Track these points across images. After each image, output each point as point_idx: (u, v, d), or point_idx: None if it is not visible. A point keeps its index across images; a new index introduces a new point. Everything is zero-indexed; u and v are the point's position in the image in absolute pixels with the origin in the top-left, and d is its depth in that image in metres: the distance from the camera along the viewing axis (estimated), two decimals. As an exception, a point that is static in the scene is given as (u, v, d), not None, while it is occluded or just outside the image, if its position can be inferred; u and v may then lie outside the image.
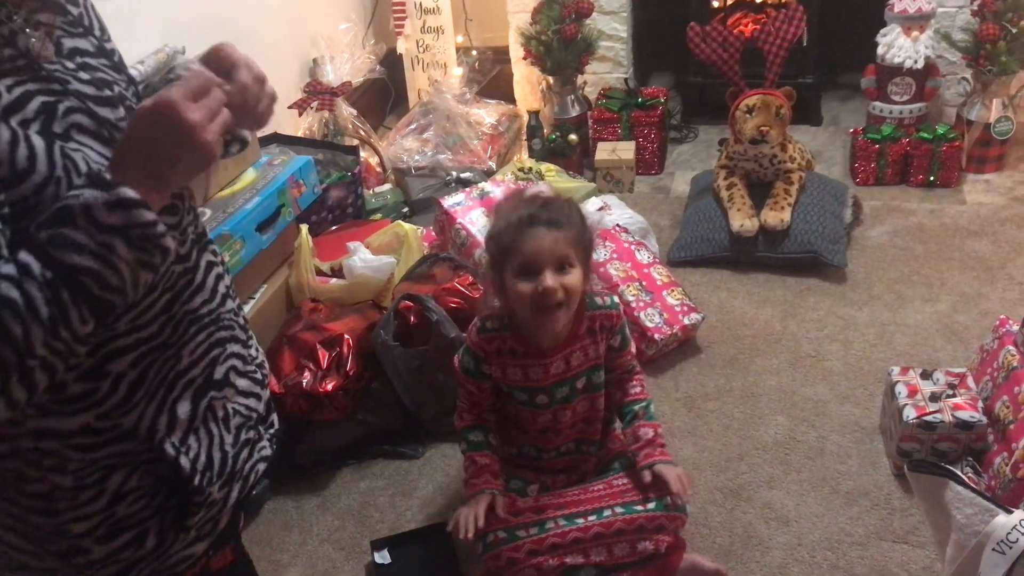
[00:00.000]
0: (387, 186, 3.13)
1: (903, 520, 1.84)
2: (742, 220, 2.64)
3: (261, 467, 1.13)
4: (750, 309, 2.53)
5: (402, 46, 3.56)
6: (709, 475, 2.00)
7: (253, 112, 0.95)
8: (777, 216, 2.62)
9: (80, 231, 0.79)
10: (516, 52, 3.46)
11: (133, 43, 2.09)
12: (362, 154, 3.02)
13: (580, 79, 3.38)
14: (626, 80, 3.50)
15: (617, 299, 1.70)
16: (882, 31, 3.09)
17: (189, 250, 1.01)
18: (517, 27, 3.36)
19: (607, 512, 1.63)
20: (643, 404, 1.72)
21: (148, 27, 2.29)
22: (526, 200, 1.56)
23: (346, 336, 2.06)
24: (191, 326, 1.00)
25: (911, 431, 1.85)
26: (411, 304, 2.12)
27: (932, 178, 3.01)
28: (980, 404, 1.86)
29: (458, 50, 3.61)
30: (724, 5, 3.39)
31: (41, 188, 0.83)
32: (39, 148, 0.83)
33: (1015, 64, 2.89)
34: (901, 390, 1.92)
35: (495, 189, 2.71)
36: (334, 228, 2.69)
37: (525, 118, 3.43)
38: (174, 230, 0.96)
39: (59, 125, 0.87)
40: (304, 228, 2.33)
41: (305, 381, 1.98)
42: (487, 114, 3.38)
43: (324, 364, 2.01)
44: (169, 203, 0.93)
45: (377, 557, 1.85)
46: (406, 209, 3.09)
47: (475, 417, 1.71)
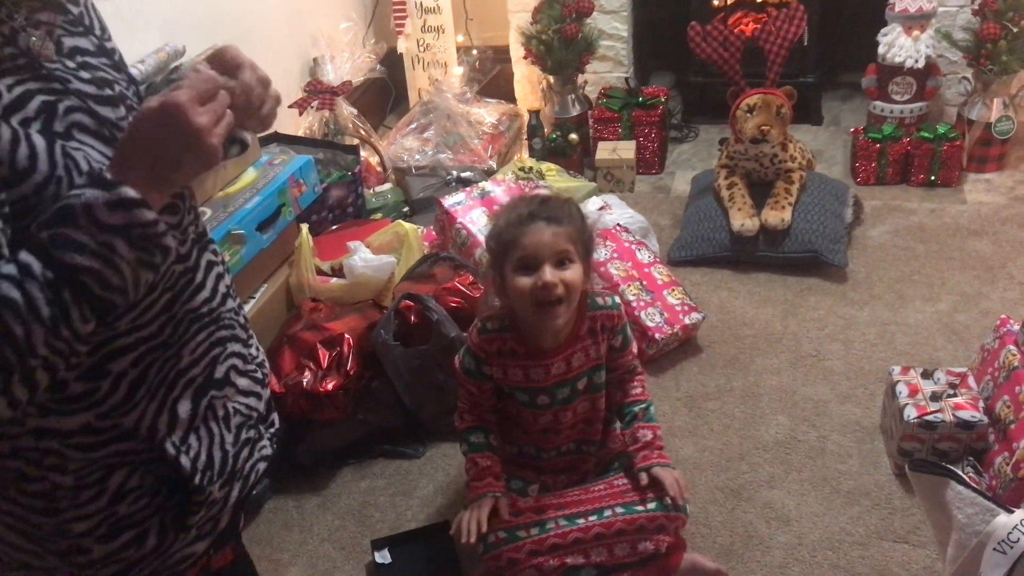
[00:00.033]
0: (387, 185, 3.13)
1: (904, 520, 1.84)
2: (743, 220, 2.64)
3: (261, 466, 1.14)
4: (751, 309, 2.53)
5: (402, 45, 3.56)
6: (710, 475, 2.00)
7: (257, 114, 0.94)
8: (778, 216, 2.61)
9: (81, 231, 0.79)
10: (517, 51, 3.46)
11: (133, 43, 2.09)
12: (362, 153, 3.02)
13: (581, 78, 3.38)
14: (627, 79, 3.50)
15: (618, 299, 1.69)
16: (883, 30, 3.09)
17: (190, 249, 1.01)
18: (518, 26, 3.36)
19: (608, 512, 1.63)
20: (643, 405, 1.71)
21: (148, 27, 2.29)
22: (526, 199, 1.58)
23: (346, 336, 2.06)
24: (192, 325, 1.00)
25: (912, 431, 1.85)
26: (411, 304, 2.12)
27: (933, 178, 3.01)
28: (981, 404, 1.85)
29: (458, 49, 3.61)
30: (725, 4, 3.38)
31: (42, 187, 0.83)
32: (40, 147, 0.83)
33: (1016, 63, 2.89)
34: (902, 390, 1.92)
35: (495, 188, 2.70)
36: (334, 227, 2.68)
37: (526, 117, 3.43)
38: (175, 229, 0.96)
39: (60, 124, 0.87)
40: (304, 227, 2.33)
41: (305, 380, 1.98)
42: (487, 113, 3.38)
43: (324, 363, 2.01)
44: (170, 202, 0.93)
45: (377, 557, 1.85)
46: (406, 208, 3.08)
47: (476, 418, 1.70)
